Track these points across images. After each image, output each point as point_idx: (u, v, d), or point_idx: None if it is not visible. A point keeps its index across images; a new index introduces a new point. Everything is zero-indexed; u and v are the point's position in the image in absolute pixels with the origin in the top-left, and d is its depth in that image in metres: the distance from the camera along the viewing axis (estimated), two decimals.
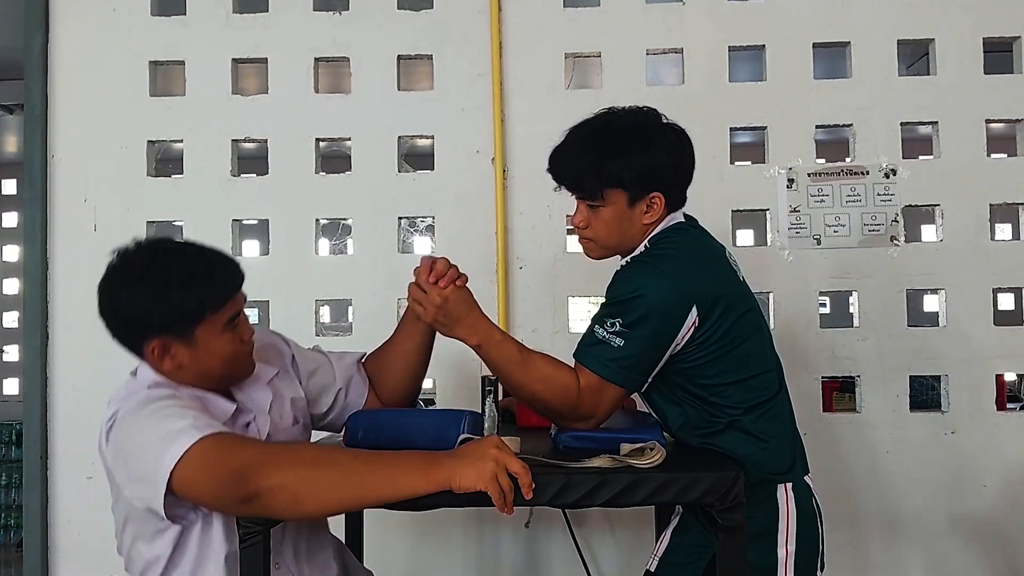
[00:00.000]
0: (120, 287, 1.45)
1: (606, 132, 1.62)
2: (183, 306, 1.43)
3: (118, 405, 1.43)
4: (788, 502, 1.59)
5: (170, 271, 1.45)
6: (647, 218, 1.62)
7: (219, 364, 1.48)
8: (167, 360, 1.45)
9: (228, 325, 1.47)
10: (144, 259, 1.47)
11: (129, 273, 1.46)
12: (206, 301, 1.44)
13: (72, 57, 2.71)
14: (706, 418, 1.59)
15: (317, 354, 1.78)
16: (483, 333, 1.59)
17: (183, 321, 1.43)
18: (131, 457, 1.37)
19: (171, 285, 1.43)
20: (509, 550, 2.60)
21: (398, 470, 1.27)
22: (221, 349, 1.47)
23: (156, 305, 1.42)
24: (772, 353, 1.69)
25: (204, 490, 1.31)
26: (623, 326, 1.52)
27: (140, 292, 1.43)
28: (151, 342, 1.44)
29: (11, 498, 5.56)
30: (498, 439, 1.31)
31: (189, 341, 1.44)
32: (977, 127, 2.57)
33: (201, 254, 1.50)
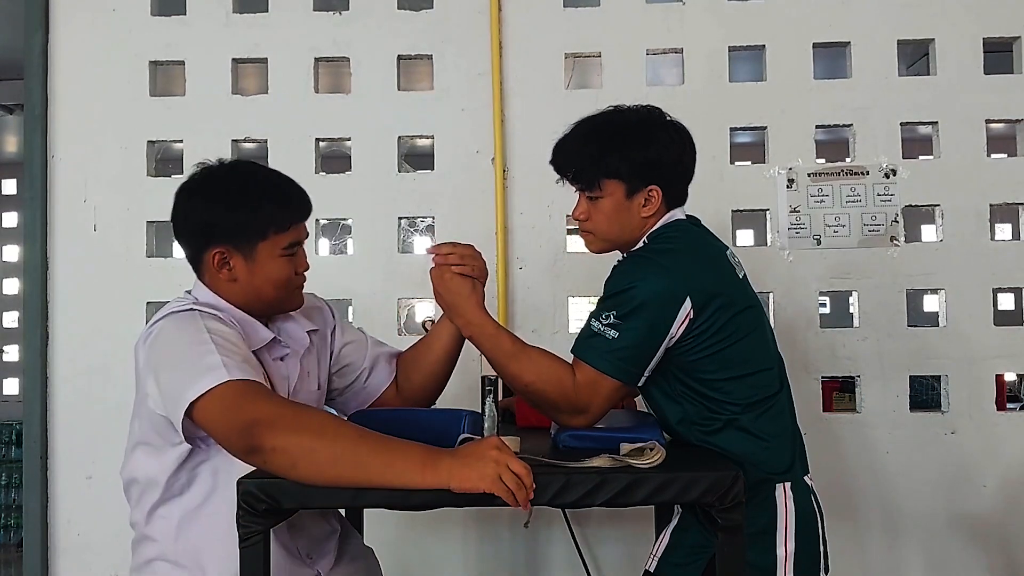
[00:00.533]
0: (196, 194, 1.56)
1: (608, 126, 1.66)
2: (251, 220, 1.51)
3: (166, 312, 1.49)
4: (787, 501, 1.59)
5: (245, 187, 1.54)
6: (645, 211, 1.64)
7: (271, 287, 1.54)
8: (224, 271, 1.52)
9: (287, 250, 1.54)
10: (224, 173, 1.57)
11: (207, 183, 1.56)
12: (273, 220, 1.52)
13: (72, 57, 2.71)
14: (705, 415, 1.59)
15: (358, 331, 1.85)
16: (477, 326, 1.64)
17: (248, 234, 1.51)
18: (162, 371, 1.42)
19: (244, 199, 1.52)
20: (509, 550, 2.60)
21: (397, 460, 1.28)
22: (277, 272, 1.54)
23: (227, 214, 1.51)
24: (773, 351, 1.69)
25: (215, 430, 1.36)
26: (617, 318, 1.53)
27: (214, 201, 1.53)
28: (213, 249, 1.52)
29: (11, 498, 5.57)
30: (498, 440, 1.31)
31: (249, 256, 1.52)
32: (977, 127, 2.57)
33: (277, 178, 1.59)
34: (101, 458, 2.59)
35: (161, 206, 2.65)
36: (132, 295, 2.65)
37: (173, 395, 1.38)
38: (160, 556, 1.52)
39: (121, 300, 2.65)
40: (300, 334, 1.65)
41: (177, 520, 1.50)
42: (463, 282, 1.66)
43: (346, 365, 1.79)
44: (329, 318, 1.78)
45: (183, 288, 1.63)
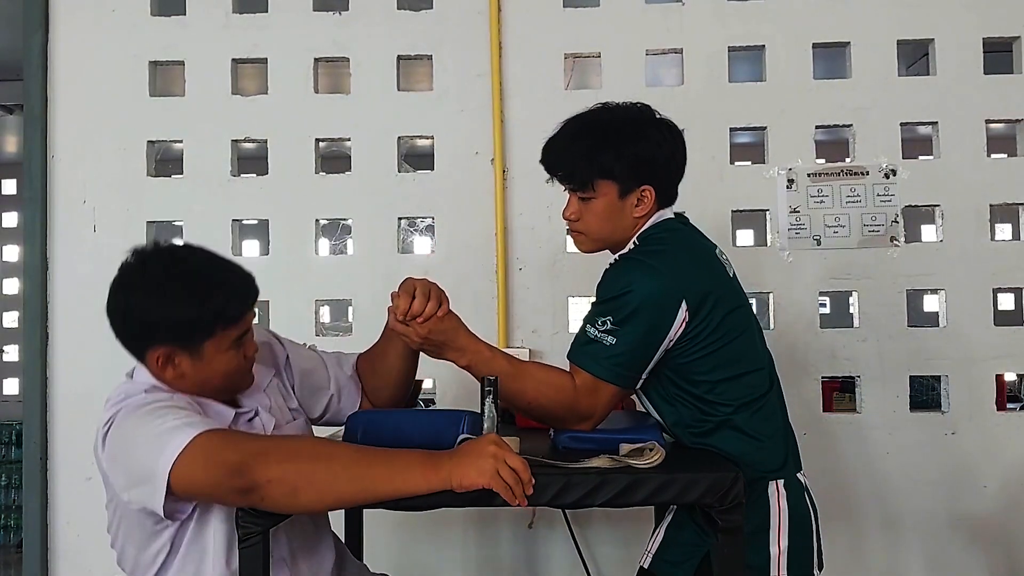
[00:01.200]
0: (135, 289, 1.42)
1: (599, 124, 1.63)
2: (197, 320, 1.40)
3: (115, 408, 1.40)
4: (780, 499, 1.59)
5: (188, 281, 1.41)
6: (638, 211, 1.63)
7: (220, 378, 1.46)
8: (169, 369, 1.43)
9: (236, 342, 1.45)
10: (162, 264, 1.43)
11: (146, 277, 1.42)
12: (220, 315, 1.42)
13: (72, 57, 2.71)
14: (698, 416, 1.59)
15: (312, 354, 1.76)
16: (471, 353, 1.57)
17: (194, 334, 1.41)
18: (129, 458, 1.35)
19: (187, 296, 1.40)
20: (509, 550, 2.60)
21: (396, 468, 1.27)
22: (225, 364, 1.45)
23: (169, 315, 1.40)
24: (763, 351, 1.69)
25: (203, 482, 1.29)
26: (614, 324, 1.52)
27: (155, 298, 1.40)
28: (156, 350, 1.42)
29: (11, 499, 5.56)
30: (495, 436, 1.31)
31: (195, 354, 1.42)
32: (977, 127, 2.57)
33: (219, 266, 1.46)
34: None
35: (161, 206, 2.69)
36: None
37: (147, 475, 1.30)
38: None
39: None
40: (259, 391, 1.57)
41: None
42: (444, 320, 1.55)
43: (313, 394, 1.71)
44: (279, 349, 1.70)
45: None
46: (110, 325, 1.45)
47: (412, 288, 1.53)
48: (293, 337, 1.78)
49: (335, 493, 1.27)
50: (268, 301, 2.66)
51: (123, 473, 1.37)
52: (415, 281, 1.54)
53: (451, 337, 1.56)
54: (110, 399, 1.45)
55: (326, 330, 2.72)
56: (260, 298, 2.65)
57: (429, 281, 1.55)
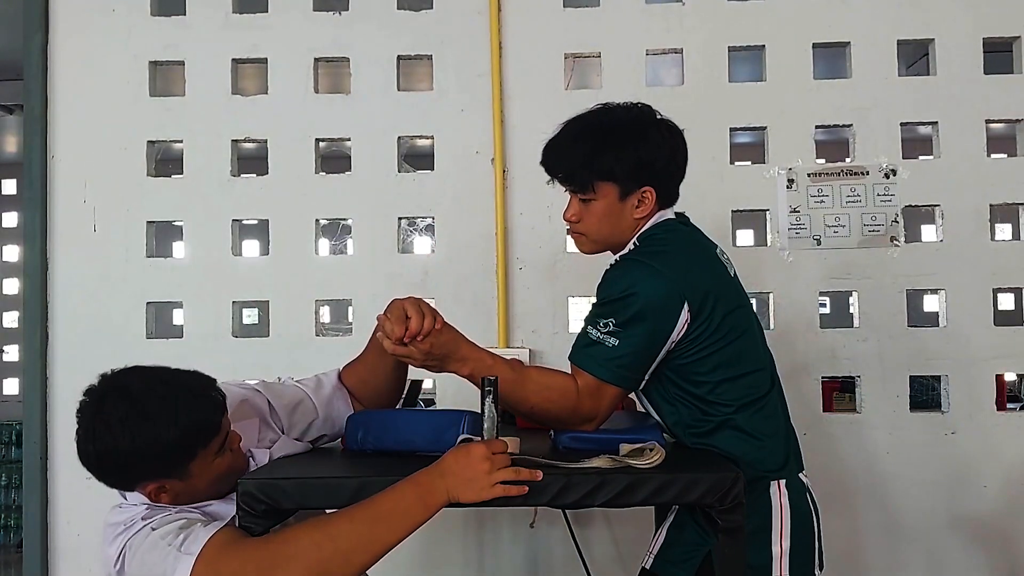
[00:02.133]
0: (100, 437, 1.40)
1: (599, 125, 1.62)
2: (174, 448, 1.36)
3: (123, 539, 1.37)
4: (781, 499, 1.59)
5: (150, 414, 1.36)
6: (638, 212, 1.62)
7: (215, 485, 1.44)
8: (163, 496, 1.41)
9: (219, 451, 1.42)
10: (120, 401, 1.39)
11: (107, 420, 1.39)
12: (197, 437, 1.38)
13: (72, 57, 2.71)
14: (698, 416, 1.59)
15: (294, 389, 1.69)
16: (473, 362, 1.54)
17: (176, 461, 1.38)
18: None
19: (157, 429, 1.35)
20: (509, 550, 2.60)
21: (397, 516, 1.26)
22: (216, 471, 1.42)
23: (146, 452, 1.36)
24: (764, 351, 1.68)
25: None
26: (616, 325, 1.52)
27: (125, 441, 1.36)
28: (146, 487, 1.40)
29: (11, 498, 5.57)
30: (483, 447, 1.29)
31: (183, 476, 1.40)
32: (977, 127, 2.57)
33: (178, 385, 1.40)
34: None
35: (161, 206, 2.69)
36: (132, 295, 2.65)
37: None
38: None
39: (121, 300, 2.65)
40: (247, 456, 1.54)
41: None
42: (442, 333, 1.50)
43: (305, 427, 1.67)
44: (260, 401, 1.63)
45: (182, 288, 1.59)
46: (90, 472, 1.43)
47: (402, 309, 1.48)
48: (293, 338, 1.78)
49: (354, 564, 1.27)
50: (268, 301, 2.67)
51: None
52: (403, 302, 1.49)
53: (453, 349, 1.53)
54: (111, 525, 1.42)
55: (326, 330, 2.72)
56: (260, 298, 2.70)
57: (414, 297, 1.51)
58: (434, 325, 1.47)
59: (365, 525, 1.26)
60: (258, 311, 3.29)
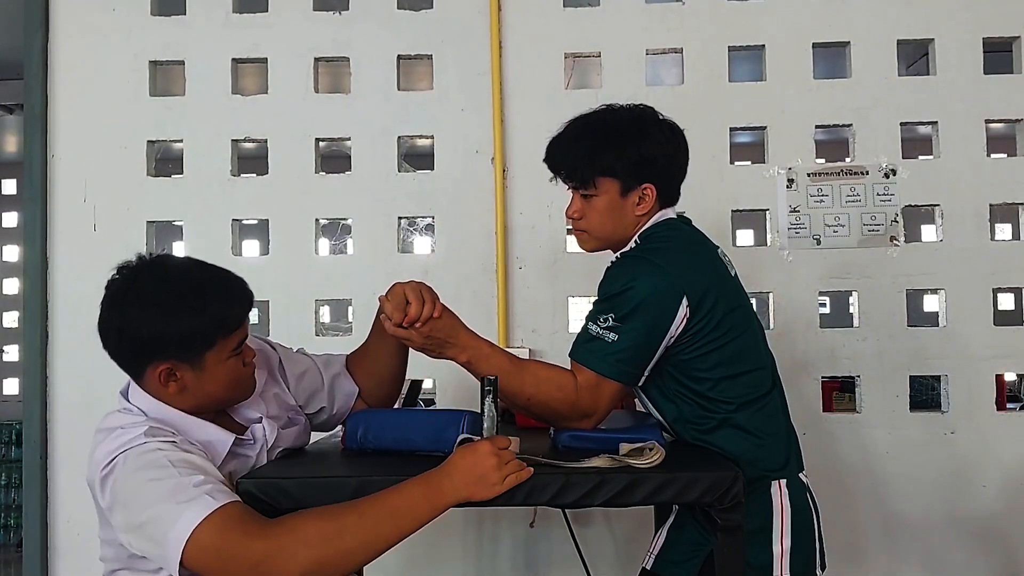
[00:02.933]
0: (128, 306, 1.37)
1: (601, 124, 1.64)
2: (197, 331, 1.37)
3: (116, 452, 1.33)
4: (782, 499, 1.59)
5: (183, 294, 1.37)
6: (639, 209, 1.63)
7: (223, 389, 1.44)
8: (172, 384, 1.40)
9: (235, 350, 1.42)
10: (153, 278, 1.39)
11: (138, 292, 1.37)
12: (221, 325, 1.39)
13: (72, 57, 2.71)
14: (699, 414, 1.59)
15: (303, 357, 1.73)
16: (471, 349, 1.56)
17: (195, 346, 1.38)
18: (135, 513, 1.30)
19: (185, 309, 1.36)
20: (509, 550, 2.60)
21: (403, 511, 1.27)
22: (226, 374, 1.42)
23: (168, 329, 1.35)
24: (765, 351, 1.69)
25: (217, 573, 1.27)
26: (616, 320, 1.53)
27: (151, 313, 1.35)
28: (157, 366, 1.38)
29: (11, 498, 5.56)
30: (488, 444, 1.30)
31: (196, 366, 1.39)
32: (977, 127, 2.57)
33: (212, 275, 1.43)
34: None
35: (161, 206, 2.69)
36: None
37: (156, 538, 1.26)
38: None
39: None
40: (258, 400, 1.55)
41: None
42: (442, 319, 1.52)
43: (309, 397, 1.68)
44: (271, 353, 1.66)
45: None
46: (103, 345, 1.40)
47: (402, 294, 1.50)
48: (293, 338, 1.79)
49: (356, 563, 1.28)
50: (268, 301, 2.66)
51: (127, 522, 1.32)
52: (403, 286, 1.51)
53: (451, 334, 1.55)
54: (105, 430, 1.39)
55: (326, 330, 2.72)
56: (260, 298, 2.68)
57: (416, 282, 1.53)
58: (433, 312, 1.50)
59: (372, 522, 1.26)
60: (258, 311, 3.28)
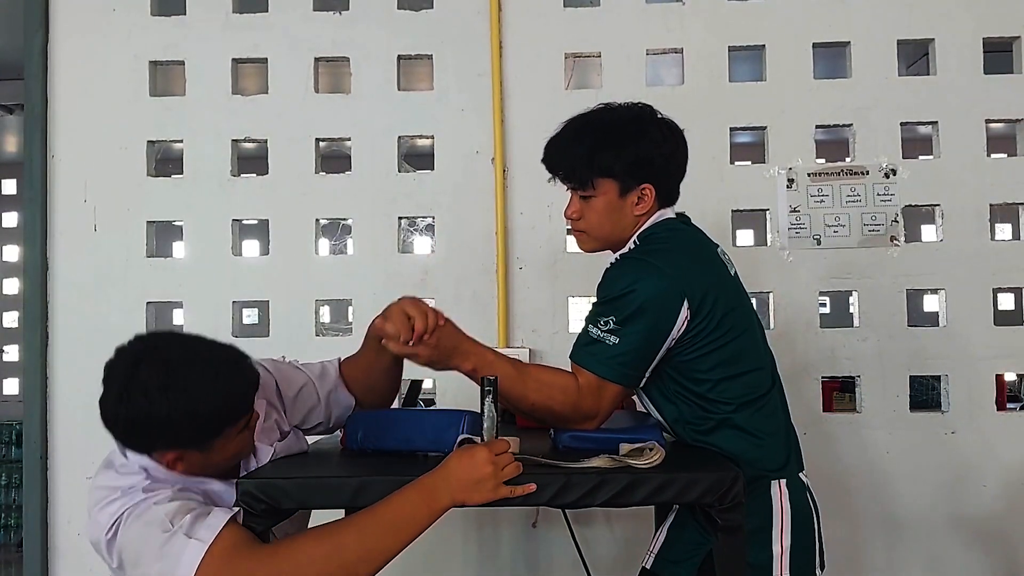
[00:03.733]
0: (132, 401, 1.32)
1: (599, 123, 1.64)
2: (206, 424, 1.34)
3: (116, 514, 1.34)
4: (782, 499, 1.59)
5: (189, 389, 1.32)
6: (638, 209, 1.63)
7: (229, 460, 1.44)
8: (179, 465, 1.39)
9: (244, 428, 1.42)
10: (159, 367, 1.34)
11: (143, 385, 1.32)
12: (226, 419, 1.36)
13: (72, 57, 2.71)
14: (699, 414, 1.59)
15: (298, 372, 1.69)
16: (475, 357, 1.55)
17: (203, 438, 1.36)
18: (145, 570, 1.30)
19: (192, 406, 1.32)
20: (509, 550, 2.60)
21: (403, 522, 1.28)
22: (234, 449, 1.42)
23: (176, 426, 1.32)
24: (765, 351, 1.69)
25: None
26: (617, 323, 1.52)
27: (158, 410, 1.31)
28: (164, 455, 1.37)
29: (11, 498, 5.57)
30: (486, 451, 1.30)
31: (204, 449, 1.38)
32: (977, 127, 2.57)
33: (218, 360, 1.38)
34: (101, 458, 2.57)
35: (161, 206, 2.69)
36: (132, 295, 2.65)
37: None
38: None
39: (121, 300, 2.65)
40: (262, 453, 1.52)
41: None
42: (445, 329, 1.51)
43: (306, 413, 1.67)
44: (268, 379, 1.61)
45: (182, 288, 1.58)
46: (106, 427, 1.37)
47: (403, 312, 1.48)
48: (293, 338, 1.78)
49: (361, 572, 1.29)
50: (268, 301, 2.67)
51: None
52: (402, 304, 1.49)
53: (456, 343, 1.53)
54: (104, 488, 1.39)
55: (326, 330, 2.72)
56: (260, 298, 2.70)
57: (410, 298, 1.51)
58: (437, 320, 1.49)
59: (372, 536, 1.27)
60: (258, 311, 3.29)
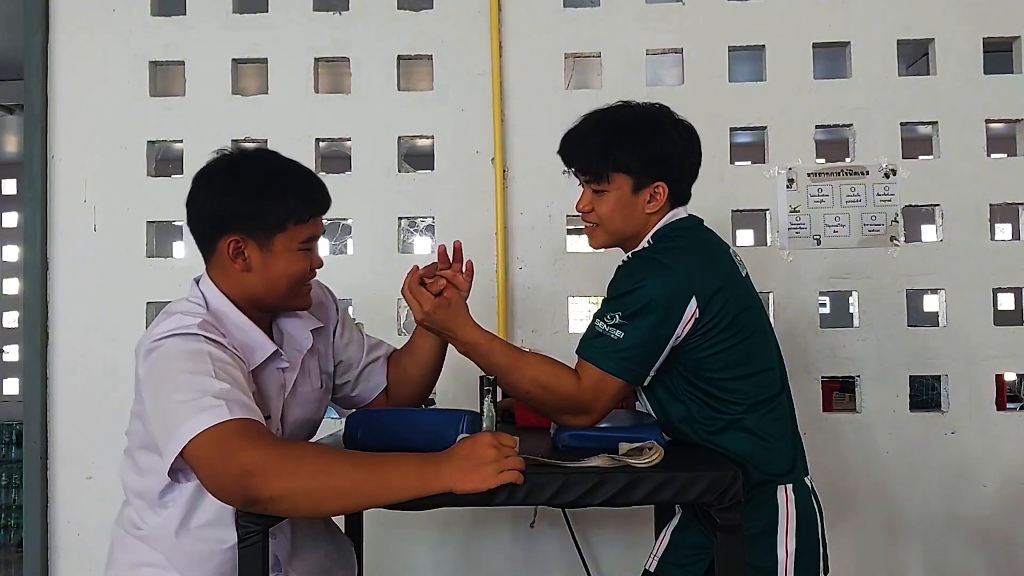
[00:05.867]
0: (216, 180, 1.50)
1: (617, 120, 1.66)
2: (271, 210, 1.47)
3: (168, 331, 1.41)
4: (788, 503, 1.59)
5: (267, 176, 1.49)
6: (650, 207, 1.64)
7: (284, 281, 1.51)
8: (239, 260, 1.48)
9: (304, 244, 1.50)
10: (245, 160, 1.53)
11: (228, 170, 1.50)
12: (293, 211, 1.48)
13: (72, 57, 2.71)
14: (708, 414, 1.59)
15: (357, 331, 1.81)
16: (467, 346, 1.62)
17: (267, 224, 1.47)
18: (162, 392, 1.37)
19: (265, 188, 1.47)
20: (509, 550, 2.59)
21: (395, 479, 1.28)
22: (292, 267, 1.50)
23: (246, 202, 1.46)
24: (775, 352, 1.69)
25: (208, 482, 1.32)
26: (623, 318, 1.54)
27: (233, 189, 1.47)
28: (229, 238, 1.47)
29: (11, 498, 5.57)
30: (491, 438, 1.31)
31: (265, 247, 1.48)
32: (977, 127, 2.57)
33: (299, 170, 1.54)
34: (101, 458, 2.59)
35: (161, 206, 2.69)
36: (132, 295, 2.65)
37: (166, 432, 1.33)
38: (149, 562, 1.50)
39: (121, 300, 2.65)
40: (303, 334, 1.62)
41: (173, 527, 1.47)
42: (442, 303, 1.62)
43: (346, 367, 1.77)
44: (332, 314, 1.75)
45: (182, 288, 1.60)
46: (186, 217, 1.52)
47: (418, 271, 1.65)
48: None
49: (336, 505, 1.31)
50: None
51: (153, 397, 1.39)
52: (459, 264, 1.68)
53: (448, 325, 1.61)
54: (166, 312, 1.48)
55: None
56: None
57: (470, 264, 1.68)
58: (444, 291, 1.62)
59: (362, 477, 1.28)
60: None
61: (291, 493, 1.26)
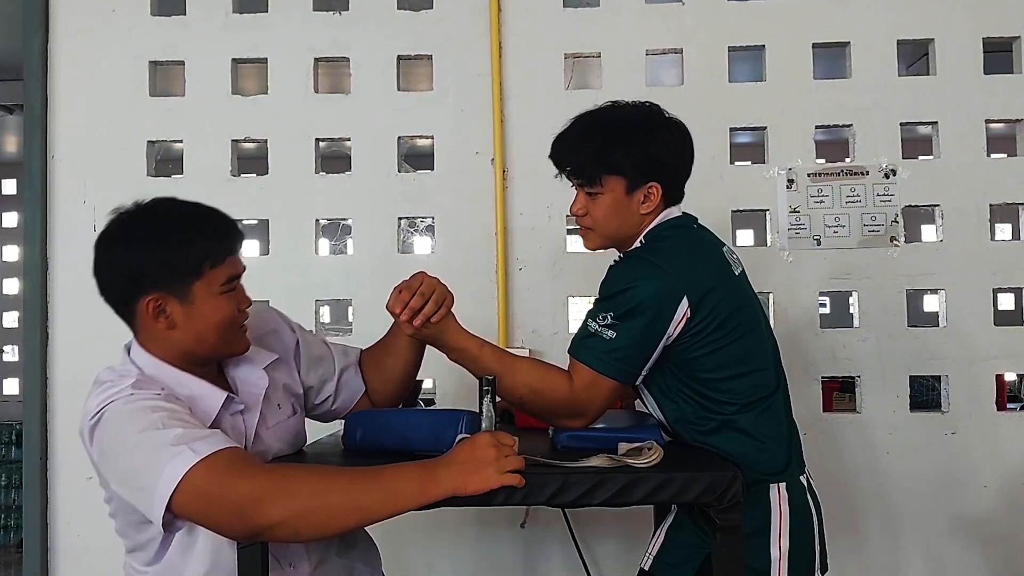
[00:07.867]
0: (116, 241, 1.43)
1: (609, 121, 1.65)
2: (183, 256, 1.40)
3: (103, 402, 1.37)
4: (781, 502, 1.59)
5: (169, 225, 1.43)
6: (644, 208, 1.64)
7: (213, 331, 1.44)
8: (161, 319, 1.41)
9: (225, 286, 1.43)
10: (142, 215, 1.45)
11: (127, 228, 1.43)
12: (206, 254, 1.41)
13: (72, 57, 2.71)
14: (701, 414, 1.59)
15: (322, 344, 1.75)
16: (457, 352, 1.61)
17: (181, 272, 1.40)
18: (122, 463, 1.33)
19: (170, 238, 1.40)
20: (507, 550, 2.59)
21: (395, 490, 1.26)
22: (216, 312, 1.43)
23: (153, 258, 1.40)
24: (771, 351, 1.69)
25: (204, 522, 1.30)
26: (614, 318, 1.54)
27: (137, 246, 1.41)
28: (145, 298, 1.40)
29: (11, 498, 5.57)
30: (490, 437, 1.30)
31: (186, 299, 1.41)
32: (977, 127, 2.57)
33: (202, 210, 1.47)
34: None
35: None
36: None
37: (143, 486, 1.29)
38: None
39: None
40: (256, 375, 1.54)
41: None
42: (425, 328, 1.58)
43: (320, 385, 1.71)
44: (288, 339, 1.67)
45: None
46: (97, 285, 1.44)
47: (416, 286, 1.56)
48: None
49: (338, 524, 1.28)
50: (268, 301, 2.66)
51: (115, 472, 1.35)
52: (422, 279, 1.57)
53: (439, 337, 1.60)
54: (97, 383, 1.43)
55: (326, 330, 2.72)
56: (260, 298, 2.69)
57: (436, 282, 1.58)
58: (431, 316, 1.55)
59: (361, 493, 1.26)
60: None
61: (290, 517, 1.24)
